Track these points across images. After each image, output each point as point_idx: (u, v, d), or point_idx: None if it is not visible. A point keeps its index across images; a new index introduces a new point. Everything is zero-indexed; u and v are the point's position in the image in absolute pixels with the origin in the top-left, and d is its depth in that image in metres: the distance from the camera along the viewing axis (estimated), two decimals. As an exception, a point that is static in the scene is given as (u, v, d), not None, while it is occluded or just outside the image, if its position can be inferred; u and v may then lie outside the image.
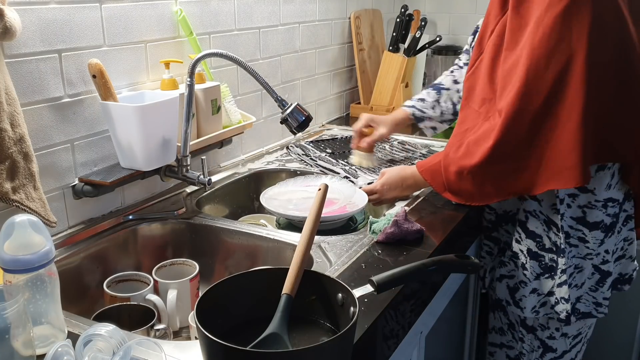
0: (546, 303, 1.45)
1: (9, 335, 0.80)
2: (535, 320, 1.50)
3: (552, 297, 1.44)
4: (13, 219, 0.86)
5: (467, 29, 2.76)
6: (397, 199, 1.54)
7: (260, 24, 1.87)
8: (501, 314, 1.59)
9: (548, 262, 1.42)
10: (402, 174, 1.50)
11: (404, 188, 1.50)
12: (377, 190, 1.53)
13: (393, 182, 1.50)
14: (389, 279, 0.97)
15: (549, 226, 1.40)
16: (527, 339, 1.53)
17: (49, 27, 1.23)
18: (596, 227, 1.38)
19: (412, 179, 1.48)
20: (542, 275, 1.43)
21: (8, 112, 1.09)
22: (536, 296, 1.45)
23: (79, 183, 1.34)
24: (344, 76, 2.46)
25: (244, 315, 0.96)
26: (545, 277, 1.43)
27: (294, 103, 1.46)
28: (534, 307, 1.46)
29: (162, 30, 1.51)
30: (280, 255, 1.35)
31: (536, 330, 1.51)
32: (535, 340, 1.52)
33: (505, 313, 1.58)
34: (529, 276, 1.44)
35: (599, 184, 1.35)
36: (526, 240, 1.43)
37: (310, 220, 1.01)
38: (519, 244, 1.45)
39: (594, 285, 1.44)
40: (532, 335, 1.52)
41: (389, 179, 1.51)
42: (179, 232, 1.45)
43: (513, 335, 1.58)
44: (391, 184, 1.51)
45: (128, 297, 1.19)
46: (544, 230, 1.41)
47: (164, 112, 1.37)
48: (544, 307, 1.45)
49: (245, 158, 1.90)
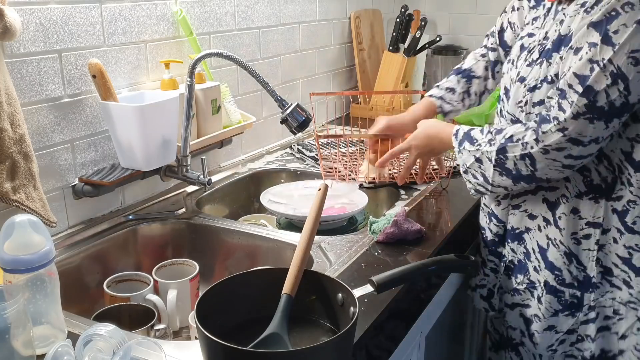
0: (565, 341, 1.31)
1: (9, 335, 0.81)
2: None
3: (573, 334, 1.30)
4: (13, 219, 0.86)
5: (467, 29, 2.77)
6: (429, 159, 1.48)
7: (260, 24, 1.87)
8: (512, 353, 1.42)
9: (569, 298, 1.28)
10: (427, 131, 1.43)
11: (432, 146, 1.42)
12: (405, 148, 1.45)
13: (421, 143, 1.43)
14: (389, 279, 0.97)
15: (570, 259, 1.26)
16: None
17: (49, 27, 1.23)
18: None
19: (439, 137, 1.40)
20: (561, 312, 1.29)
21: (8, 112, 1.09)
22: (553, 334, 1.31)
23: (79, 183, 1.34)
24: (344, 76, 2.46)
25: (244, 315, 0.97)
26: (565, 314, 1.29)
27: (294, 103, 1.46)
28: (551, 346, 1.32)
29: (162, 30, 1.51)
30: (280, 255, 1.35)
31: None
32: None
33: (517, 353, 1.41)
34: (544, 312, 1.30)
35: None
36: (544, 271, 1.29)
37: (310, 220, 1.01)
38: (537, 274, 1.31)
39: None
40: None
41: (416, 141, 1.43)
42: (179, 232, 1.45)
43: None
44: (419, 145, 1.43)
45: (128, 297, 1.19)
46: (564, 264, 1.26)
47: (164, 112, 1.37)
48: (563, 344, 1.32)
49: (245, 158, 1.90)
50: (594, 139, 1.13)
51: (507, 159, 1.21)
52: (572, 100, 1.11)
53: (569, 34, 1.16)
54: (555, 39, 1.19)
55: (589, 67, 1.09)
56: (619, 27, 1.07)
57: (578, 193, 1.23)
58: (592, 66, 1.09)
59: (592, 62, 1.09)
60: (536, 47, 1.25)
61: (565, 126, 1.12)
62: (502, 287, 1.42)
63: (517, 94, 1.25)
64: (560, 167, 1.18)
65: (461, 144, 1.30)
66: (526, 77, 1.24)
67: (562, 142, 1.14)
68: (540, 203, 1.28)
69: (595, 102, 1.10)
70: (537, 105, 1.21)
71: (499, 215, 1.37)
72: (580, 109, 1.11)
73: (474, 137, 1.28)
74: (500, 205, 1.36)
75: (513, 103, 1.26)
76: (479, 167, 1.26)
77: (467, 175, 1.31)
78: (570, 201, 1.24)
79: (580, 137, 1.13)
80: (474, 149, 1.26)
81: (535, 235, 1.31)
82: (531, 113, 1.23)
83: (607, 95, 1.09)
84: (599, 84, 1.09)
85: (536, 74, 1.21)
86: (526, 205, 1.31)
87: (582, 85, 1.10)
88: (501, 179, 1.24)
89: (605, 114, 1.10)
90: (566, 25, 1.18)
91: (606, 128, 1.12)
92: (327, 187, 1.07)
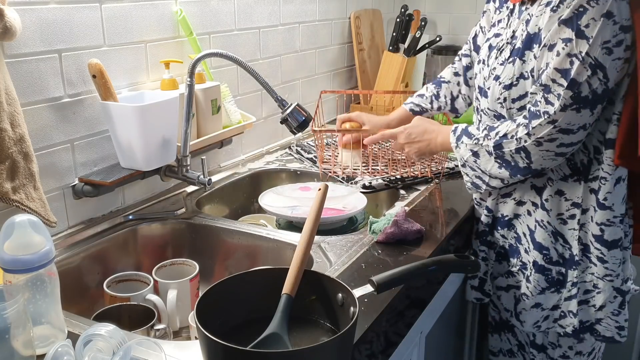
0: (549, 317, 1.41)
1: (9, 335, 0.80)
2: (545, 338, 1.46)
3: (556, 310, 1.40)
4: (13, 219, 0.86)
5: (467, 29, 2.75)
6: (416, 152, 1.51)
7: (260, 24, 1.87)
8: (509, 335, 1.55)
9: (555, 275, 1.37)
10: (426, 126, 1.49)
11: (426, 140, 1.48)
12: (399, 133, 1.50)
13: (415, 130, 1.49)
14: (389, 279, 0.97)
15: (556, 237, 1.36)
16: (539, 358, 1.49)
17: (49, 27, 1.23)
18: (615, 246, 1.31)
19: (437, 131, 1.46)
20: (547, 289, 1.39)
21: (8, 112, 1.09)
22: (540, 311, 1.40)
23: (79, 183, 1.34)
24: (344, 76, 2.46)
25: (244, 315, 0.97)
26: (551, 291, 1.39)
27: (294, 103, 1.46)
28: (537, 322, 1.42)
29: (162, 30, 1.51)
30: (280, 255, 1.35)
31: (547, 348, 1.47)
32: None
33: (514, 334, 1.53)
34: (532, 290, 1.39)
35: (617, 199, 1.29)
36: (533, 251, 1.38)
37: (310, 220, 1.01)
38: (527, 255, 1.41)
39: (616, 309, 1.36)
40: (544, 354, 1.47)
41: (411, 127, 1.49)
42: (179, 232, 1.45)
43: (524, 356, 1.53)
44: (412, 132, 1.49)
45: (128, 297, 1.19)
46: (552, 242, 1.36)
47: (164, 112, 1.37)
48: (547, 321, 1.42)
49: (245, 158, 1.90)
50: (582, 125, 1.22)
51: (504, 154, 1.30)
52: (559, 93, 1.19)
53: (539, 32, 1.24)
54: (525, 38, 1.27)
55: (568, 60, 1.19)
56: (589, 22, 1.16)
57: (563, 176, 1.33)
58: (571, 60, 1.18)
59: (571, 56, 1.18)
60: (506, 46, 1.33)
61: (555, 118, 1.21)
62: (493, 273, 1.50)
63: (494, 92, 1.34)
64: (553, 155, 1.26)
65: (459, 139, 1.38)
66: (500, 76, 1.32)
67: (553, 133, 1.22)
68: (529, 189, 1.38)
69: (580, 92, 1.19)
70: (516, 101, 1.31)
71: (489, 206, 1.45)
72: (567, 100, 1.19)
73: (472, 133, 1.36)
74: (490, 196, 1.45)
75: (492, 100, 1.35)
76: (475, 161, 1.35)
77: (464, 169, 1.40)
78: (555, 184, 1.33)
79: (569, 127, 1.22)
80: (472, 142, 1.35)
81: (525, 219, 1.40)
82: (512, 108, 1.32)
83: (589, 85, 1.18)
84: (581, 76, 1.18)
85: (510, 72, 1.30)
86: (516, 194, 1.40)
87: (566, 79, 1.19)
88: (499, 172, 1.32)
89: (590, 102, 1.20)
90: (533, 24, 1.26)
91: (592, 115, 1.21)
92: (327, 187, 1.07)
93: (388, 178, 1.64)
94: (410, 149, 1.51)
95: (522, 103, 1.29)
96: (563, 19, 1.18)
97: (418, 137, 1.49)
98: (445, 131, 1.44)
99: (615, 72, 1.19)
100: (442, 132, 1.45)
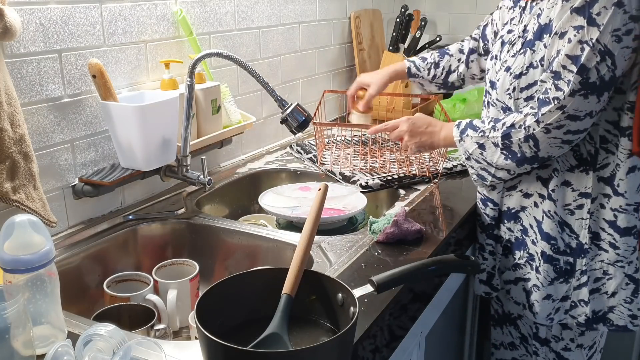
0: (560, 309, 1.41)
1: (9, 335, 0.80)
2: (549, 332, 1.47)
3: (566, 301, 1.40)
4: (13, 219, 0.86)
5: (467, 29, 2.76)
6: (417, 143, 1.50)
7: (260, 24, 1.87)
8: (511, 327, 1.55)
9: (563, 265, 1.38)
10: (430, 119, 1.50)
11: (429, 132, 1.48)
12: (402, 122, 1.50)
13: (419, 121, 1.49)
14: (389, 279, 0.97)
15: (562, 227, 1.36)
16: (542, 351, 1.49)
17: (49, 27, 1.23)
18: (628, 233, 1.33)
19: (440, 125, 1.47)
20: (556, 279, 1.39)
21: (8, 112, 1.09)
22: (550, 302, 1.40)
23: (79, 183, 1.34)
24: (344, 76, 2.46)
25: (244, 315, 0.97)
26: (560, 281, 1.39)
27: (294, 103, 1.46)
28: (549, 315, 1.42)
29: (162, 30, 1.51)
30: (280, 255, 1.35)
31: (550, 342, 1.47)
32: (550, 353, 1.48)
33: (516, 327, 1.53)
34: (542, 280, 1.40)
35: (630, 187, 1.31)
36: (541, 242, 1.39)
37: (310, 220, 1.01)
38: (535, 246, 1.41)
39: (629, 296, 1.37)
40: (547, 347, 1.48)
41: (416, 118, 1.50)
42: (179, 232, 1.45)
43: (526, 349, 1.53)
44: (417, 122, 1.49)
45: (128, 297, 1.19)
46: (559, 232, 1.36)
47: (164, 112, 1.37)
48: (558, 313, 1.42)
49: (245, 158, 1.90)
50: (588, 112, 1.24)
51: (512, 143, 1.31)
52: (569, 79, 1.22)
53: (549, 23, 1.26)
54: (536, 30, 1.30)
55: (579, 47, 1.21)
56: (600, 10, 1.19)
57: (570, 167, 1.34)
58: (582, 46, 1.20)
59: (582, 43, 1.20)
60: (518, 40, 1.36)
61: (564, 104, 1.23)
62: (501, 267, 1.51)
63: (505, 83, 1.36)
64: (560, 143, 1.28)
65: (463, 132, 1.40)
66: (511, 67, 1.34)
67: (562, 119, 1.24)
68: (535, 181, 1.39)
69: (588, 78, 1.21)
70: (524, 90, 1.32)
71: (494, 199, 1.46)
72: (576, 86, 1.22)
73: (477, 126, 1.38)
74: (496, 190, 1.46)
75: (502, 91, 1.37)
76: (481, 153, 1.36)
77: (469, 162, 1.41)
78: (561, 175, 1.35)
79: (577, 113, 1.24)
80: (478, 135, 1.37)
81: (532, 211, 1.41)
82: (519, 99, 1.33)
83: (597, 71, 1.20)
84: (591, 62, 1.20)
85: (520, 62, 1.32)
86: (522, 186, 1.42)
87: (576, 65, 1.21)
88: (505, 163, 1.34)
89: (597, 89, 1.22)
90: (545, 16, 1.28)
91: (598, 102, 1.23)
92: (327, 187, 1.07)
93: (385, 178, 1.64)
94: (411, 140, 1.50)
95: (529, 93, 1.31)
96: (575, 7, 1.21)
97: (422, 128, 1.49)
98: (448, 126, 1.45)
99: (624, 60, 1.21)
100: (446, 126, 1.46)
